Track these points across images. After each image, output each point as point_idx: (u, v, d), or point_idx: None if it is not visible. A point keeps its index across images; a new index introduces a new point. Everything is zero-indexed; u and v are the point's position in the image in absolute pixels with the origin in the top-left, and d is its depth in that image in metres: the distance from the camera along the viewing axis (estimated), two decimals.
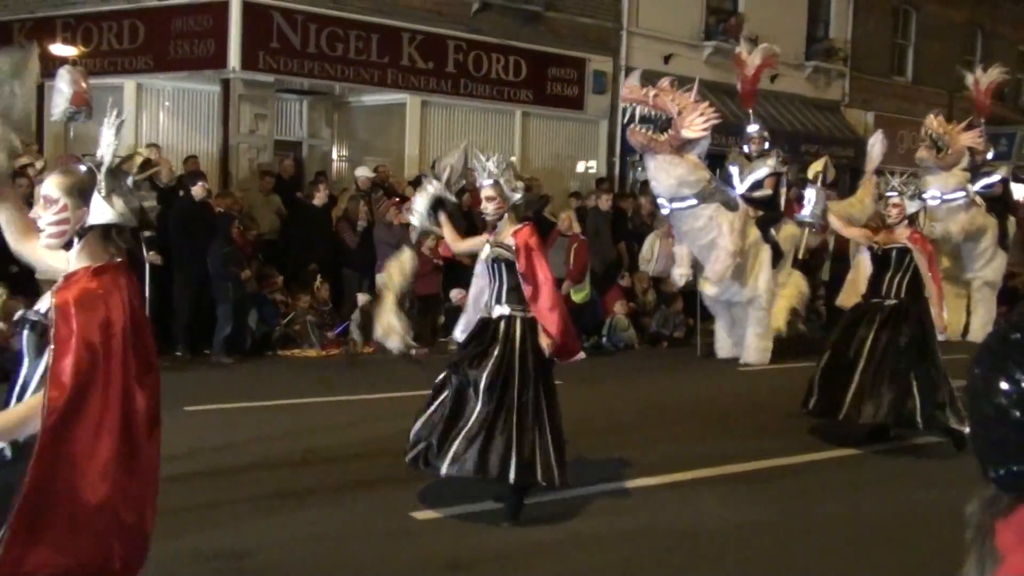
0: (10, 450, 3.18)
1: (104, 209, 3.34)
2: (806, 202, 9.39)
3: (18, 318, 3.37)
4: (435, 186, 6.60)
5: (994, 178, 15.34)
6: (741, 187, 12.68)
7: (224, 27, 14.48)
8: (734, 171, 12.87)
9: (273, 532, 5.76)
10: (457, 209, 7.71)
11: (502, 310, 6.11)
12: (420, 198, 6.67)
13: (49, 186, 3.31)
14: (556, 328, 5.93)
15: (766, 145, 13.02)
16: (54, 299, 3.17)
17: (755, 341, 12.83)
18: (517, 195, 6.13)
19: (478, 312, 6.36)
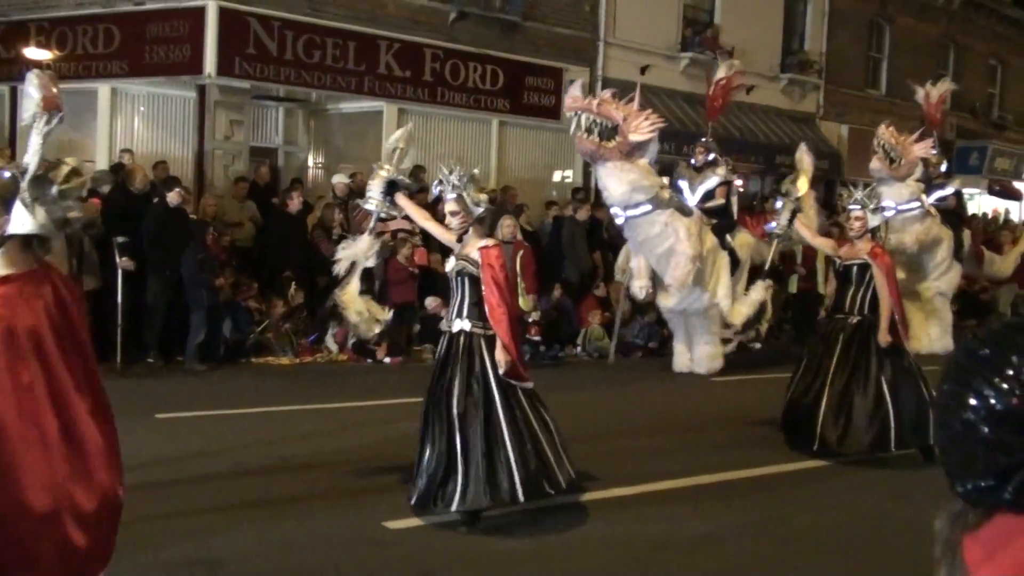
0: None
1: (25, 219, 3.26)
2: (778, 215, 9.41)
3: None
4: (386, 169, 6.61)
5: (948, 190, 15.32)
6: (692, 199, 12.55)
7: (200, 33, 14.41)
8: (683, 185, 12.75)
9: (246, 541, 5.72)
10: (412, 188, 7.69)
11: (462, 324, 6.09)
12: (373, 183, 6.68)
13: None
14: (513, 350, 5.97)
15: (710, 155, 12.87)
16: None
17: (706, 350, 12.72)
18: (480, 208, 6.10)
19: None
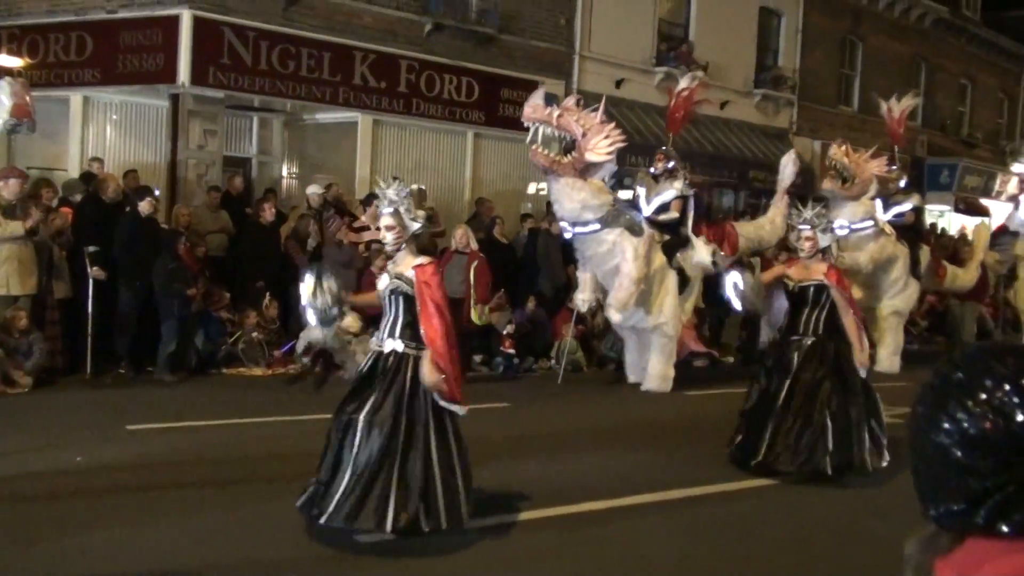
0: None
1: None
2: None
3: None
4: (316, 307, 6.08)
5: (905, 206, 15.32)
6: (647, 208, 12.39)
7: (174, 41, 14.33)
8: (641, 192, 12.60)
9: (217, 553, 5.67)
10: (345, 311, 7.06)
11: (394, 344, 5.88)
12: (309, 315, 6.20)
13: None
14: (450, 370, 5.73)
15: (670, 164, 12.68)
16: None
17: (657, 368, 12.49)
18: (416, 224, 5.91)
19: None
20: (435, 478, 5.73)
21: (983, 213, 28.05)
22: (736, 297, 8.25)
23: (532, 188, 19.16)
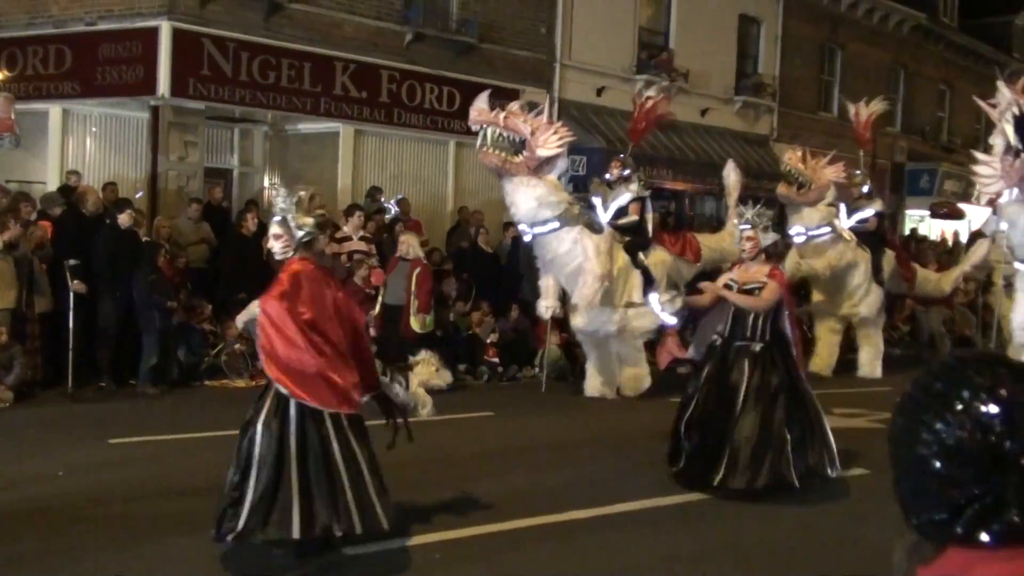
0: None
1: None
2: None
3: None
4: None
5: (867, 212, 15.27)
6: (605, 216, 12.34)
7: (153, 53, 14.28)
8: (596, 201, 12.57)
9: (199, 567, 5.63)
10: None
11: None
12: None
13: None
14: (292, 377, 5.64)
15: (625, 171, 12.63)
16: None
17: (629, 372, 12.45)
18: (301, 232, 5.74)
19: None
20: (342, 481, 5.49)
21: (960, 216, 28.26)
22: (668, 315, 8.08)
23: None
